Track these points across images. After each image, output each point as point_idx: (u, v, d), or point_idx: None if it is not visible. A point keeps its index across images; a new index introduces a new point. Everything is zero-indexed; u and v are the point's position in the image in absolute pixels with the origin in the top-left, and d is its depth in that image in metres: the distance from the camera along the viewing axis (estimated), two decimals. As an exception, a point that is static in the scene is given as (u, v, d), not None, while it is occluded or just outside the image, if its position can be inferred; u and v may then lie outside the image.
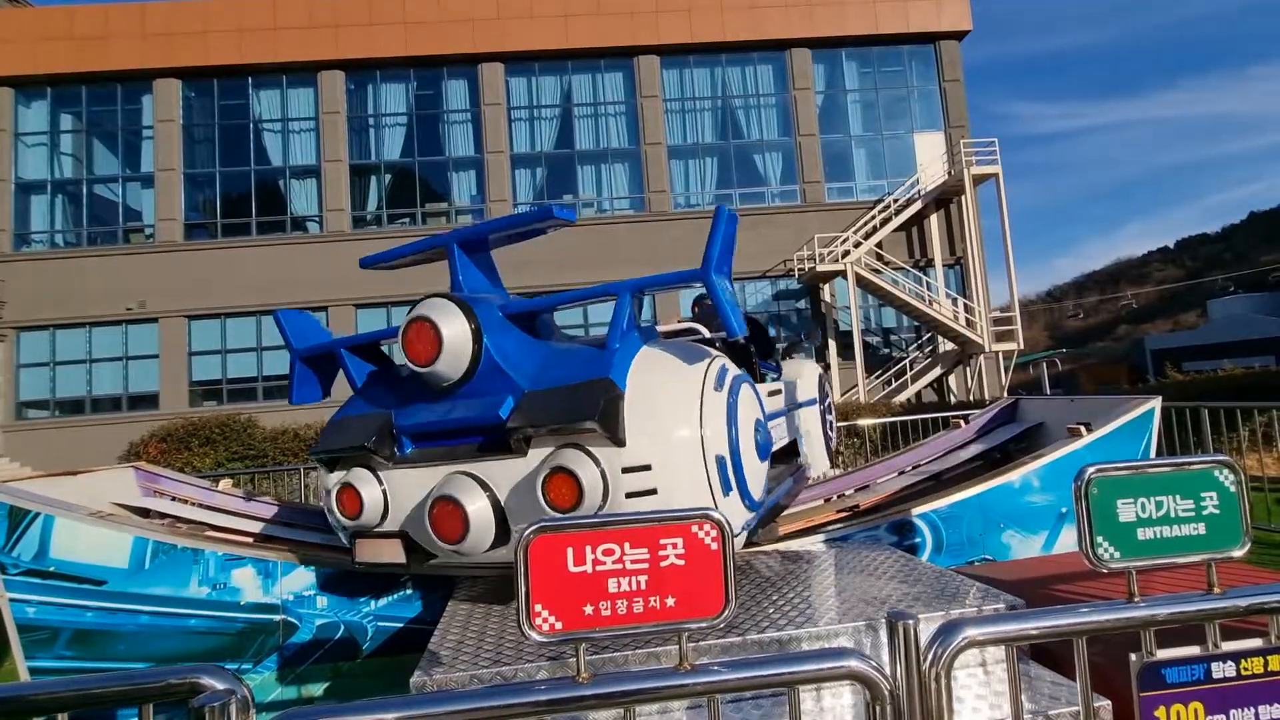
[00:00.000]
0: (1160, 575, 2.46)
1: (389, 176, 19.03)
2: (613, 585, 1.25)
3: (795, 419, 3.84)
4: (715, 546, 1.27)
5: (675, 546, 1.27)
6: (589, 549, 1.26)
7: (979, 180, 18.27)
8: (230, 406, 16.70)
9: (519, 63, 18.87)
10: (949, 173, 18.90)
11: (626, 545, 1.26)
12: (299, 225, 18.70)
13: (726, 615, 1.26)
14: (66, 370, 17.65)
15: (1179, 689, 1.41)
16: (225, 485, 4.11)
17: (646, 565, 1.26)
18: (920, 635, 1.31)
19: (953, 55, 19.57)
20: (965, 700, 1.94)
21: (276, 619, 2.91)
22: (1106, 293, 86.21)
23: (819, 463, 3.97)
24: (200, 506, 3.72)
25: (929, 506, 3.21)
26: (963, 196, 18.46)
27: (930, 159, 19.27)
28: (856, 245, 18.10)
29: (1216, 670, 1.43)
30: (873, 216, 18.57)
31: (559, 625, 1.24)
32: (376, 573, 2.93)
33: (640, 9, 18.67)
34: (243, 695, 1.20)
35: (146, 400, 17.55)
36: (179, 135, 18.32)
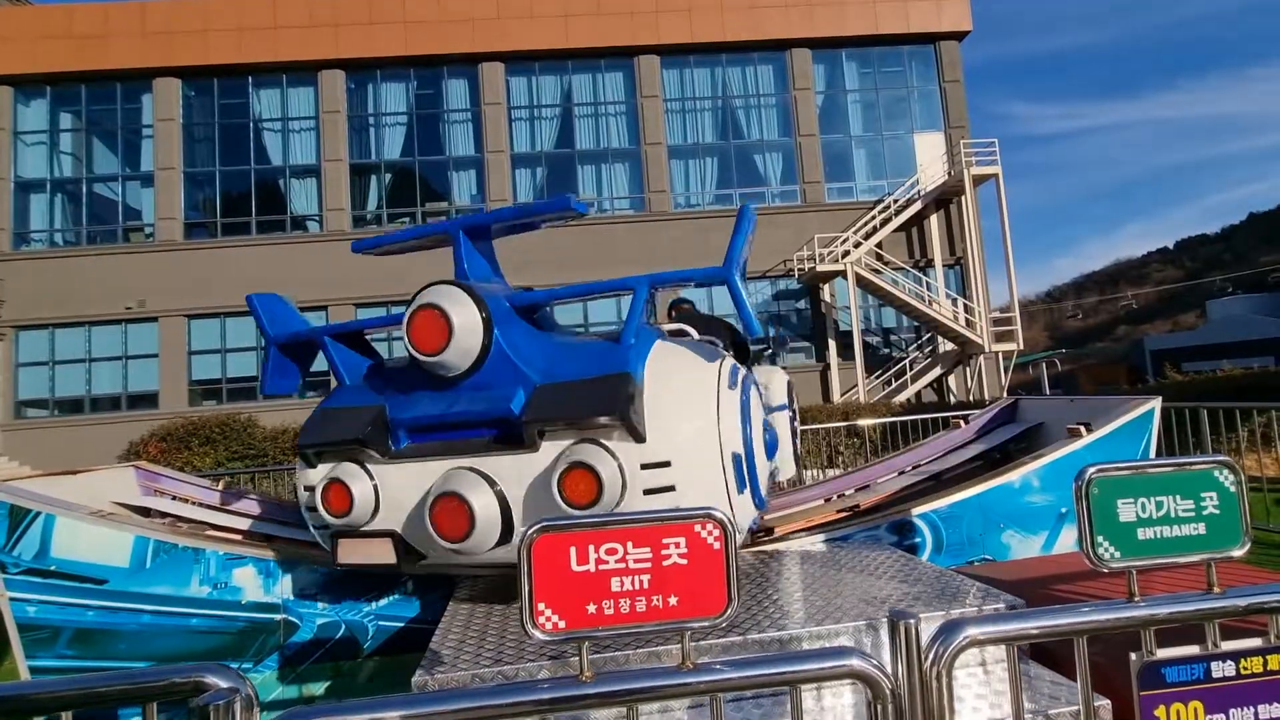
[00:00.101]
0: (1159, 575, 2.46)
1: (389, 176, 19.04)
2: (615, 584, 1.26)
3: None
4: (718, 546, 1.27)
5: (678, 546, 1.27)
6: (592, 548, 1.26)
7: (979, 180, 18.28)
8: (230, 406, 16.70)
9: (519, 62, 18.87)
10: (949, 173, 18.91)
11: (629, 544, 1.27)
12: (299, 224, 18.70)
13: (729, 614, 1.26)
14: (66, 369, 17.64)
15: (1179, 688, 1.42)
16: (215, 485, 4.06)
17: (649, 564, 1.26)
18: (921, 634, 1.31)
19: (953, 55, 19.58)
20: (965, 700, 1.94)
21: (277, 618, 2.91)
22: (1106, 293, 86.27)
23: (786, 467, 3.99)
24: (201, 506, 3.72)
25: (929, 506, 3.21)
26: (963, 197, 18.47)
27: (930, 159, 19.28)
28: (856, 245, 18.11)
29: (1216, 670, 1.44)
30: (873, 217, 18.58)
31: (562, 624, 1.24)
32: (374, 573, 2.90)
33: (640, 9, 18.68)
34: (247, 694, 1.20)
35: (146, 399, 17.55)
36: (179, 134, 18.31)
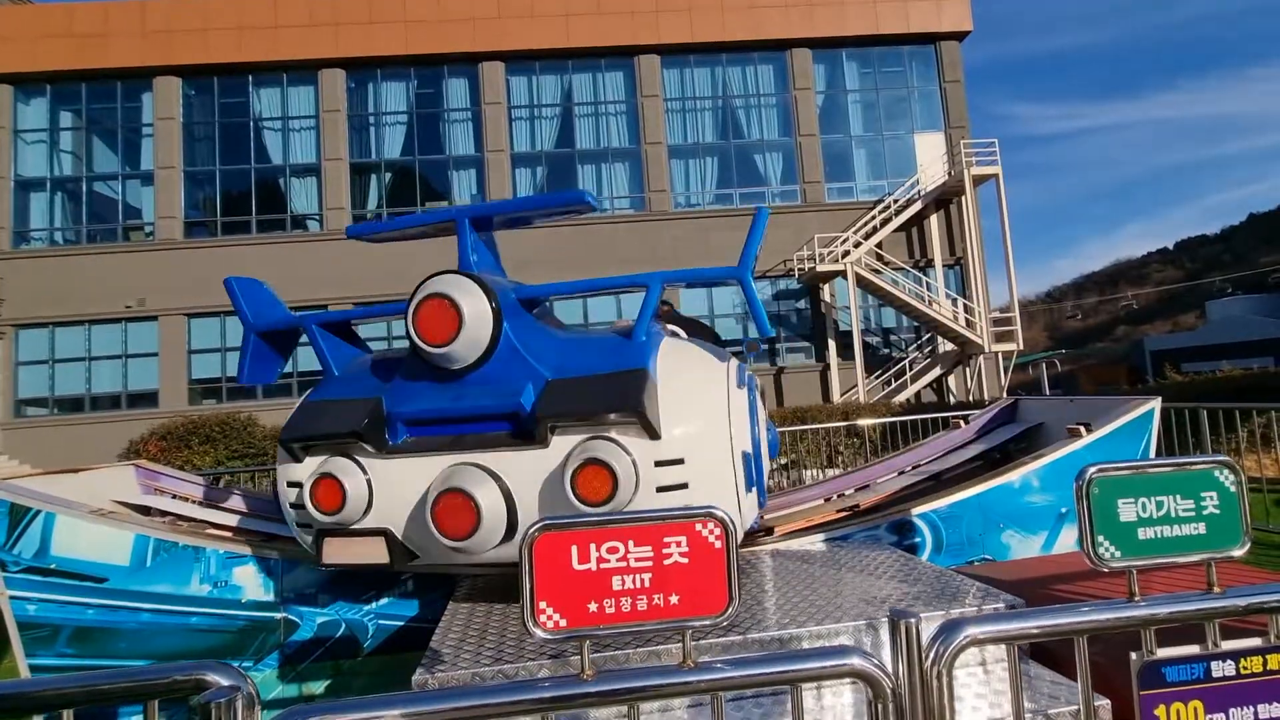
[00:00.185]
0: (1159, 575, 2.46)
1: (389, 175, 19.03)
2: (616, 583, 1.26)
3: None
4: (719, 545, 1.27)
5: (679, 545, 1.27)
6: (593, 547, 1.26)
7: (979, 181, 18.29)
8: (230, 405, 16.69)
9: (520, 62, 18.87)
10: (949, 173, 18.91)
11: (630, 543, 1.27)
12: (299, 224, 18.70)
13: (730, 613, 1.26)
14: (66, 368, 17.63)
15: (1179, 688, 1.42)
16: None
17: (650, 563, 1.26)
18: (922, 634, 1.31)
19: (953, 56, 19.58)
20: (965, 699, 1.95)
21: (278, 617, 2.91)
22: (1106, 293, 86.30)
23: None
24: (201, 505, 3.72)
25: (929, 506, 3.21)
26: (963, 197, 18.48)
27: (930, 159, 19.28)
28: (856, 245, 18.11)
29: (1216, 669, 1.44)
30: (873, 217, 18.58)
31: (563, 622, 1.24)
32: (367, 573, 2.88)
33: (641, 8, 18.67)
34: (248, 692, 1.20)
35: (146, 398, 17.55)
36: (179, 133, 18.30)
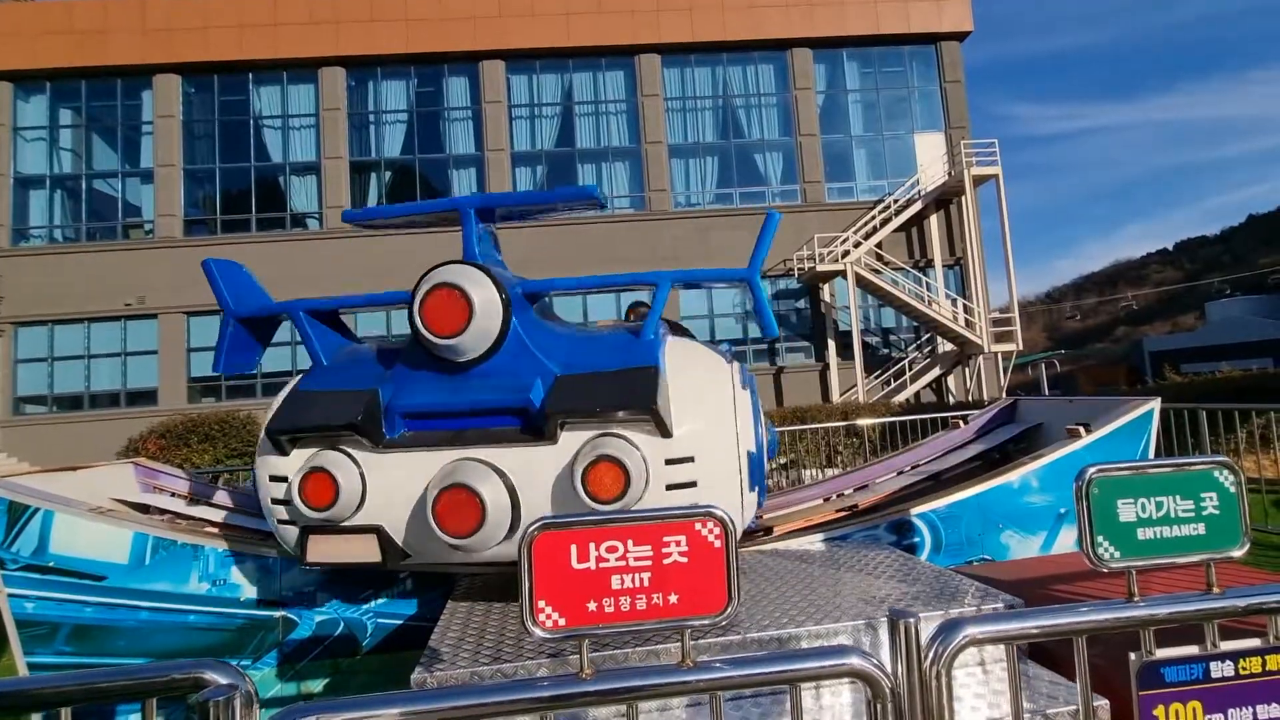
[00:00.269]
0: (1157, 576, 2.46)
1: (389, 173, 19.02)
2: (616, 582, 1.25)
3: None
4: (718, 544, 1.27)
5: (679, 544, 1.27)
6: (593, 546, 1.26)
7: (979, 181, 18.29)
8: (229, 403, 16.67)
9: (520, 60, 18.86)
10: (949, 173, 18.91)
11: (630, 542, 1.26)
12: (299, 222, 18.68)
13: (729, 612, 1.26)
14: (65, 366, 17.62)
15: (1178, 688, 1.42)
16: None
17: (650, 562, 1.26)
18: (921, 634, 1.31)
19: (953, 56, 19.58)
20: (964, 699, 1.94)
21: (276, 615, 2.91)
22: (1105, 294, 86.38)
23: None
24: (200, 503, 3.72)
25: (928, 506, 3.21)
26: (963, 197, 18.48)
27: (930, 159, 19.28)
28: (856, 245, 18.11)
29: (1215, 670, 1.44)
30: (873, 217, 18.59)
31: (562, 621, 1.24)
32: (368, 571, 2.87)
33: (641, 8, 18.66)
34: (247, 690, 1.20)
35: (145, 396, 17.54)
36: (179, 131, 18.29)
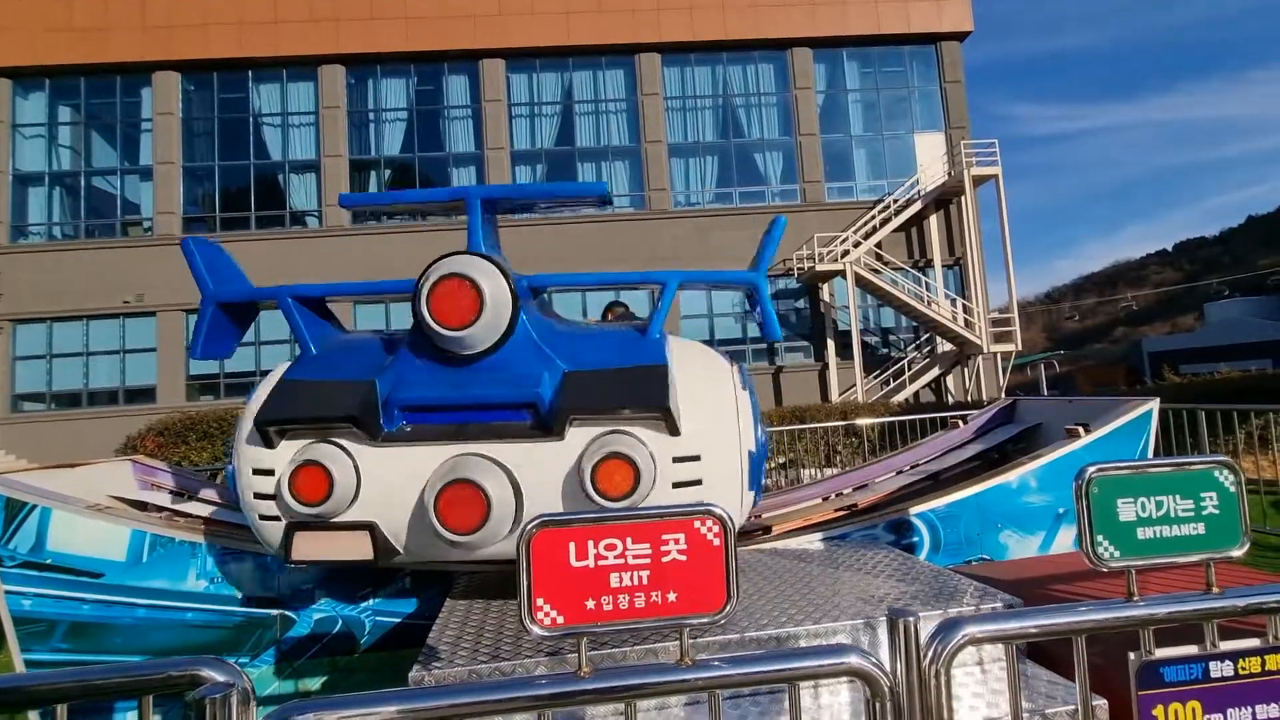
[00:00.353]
0: (1155, 576, 2.46)
1: (389, 172, 19.01)
2: (614, 580, 1.25)
3: None
4: (717, 542, 1.27)
5: (677, 542, 1.27)
6: (591, 543, 1.26)
7: (979, 181, 18.29)
8: (228, 401, 16.66)
9: (520, 59, 18.84)
10: (949, 173, 18.91)
11: (629, 540, 1.26)
12: (298, 220, 18.67)
13: (728, 610, 1.26)
14: (63, 363, 17.60)
15: (1177, 688, 1.42)
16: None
17: (648, 560, 1.26)
18: (920, 633, 1.31)
19: (954, 56, 19.58)
20: (962, 699, 1.94)
21: (274, 613, 2.90)
22: (1105, 295, 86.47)
23: None
24: (198, 500, 3.71)
25: (927, 506, 3.21)
26: (962, 197, 18.48)
27: (930, 159, 19.28)
28: (856, 245, 18.11)
29: (1214, 670, 1.44)
30: (872, 217, 18.58)
31: (560, 619, 1.24)
32: (366, 569, 2.86)
33: (642, 6, 18.65)
34: (244, 687, 1.20)
35: (144, 394, 17.52)
36: (178, 128, 18.27)
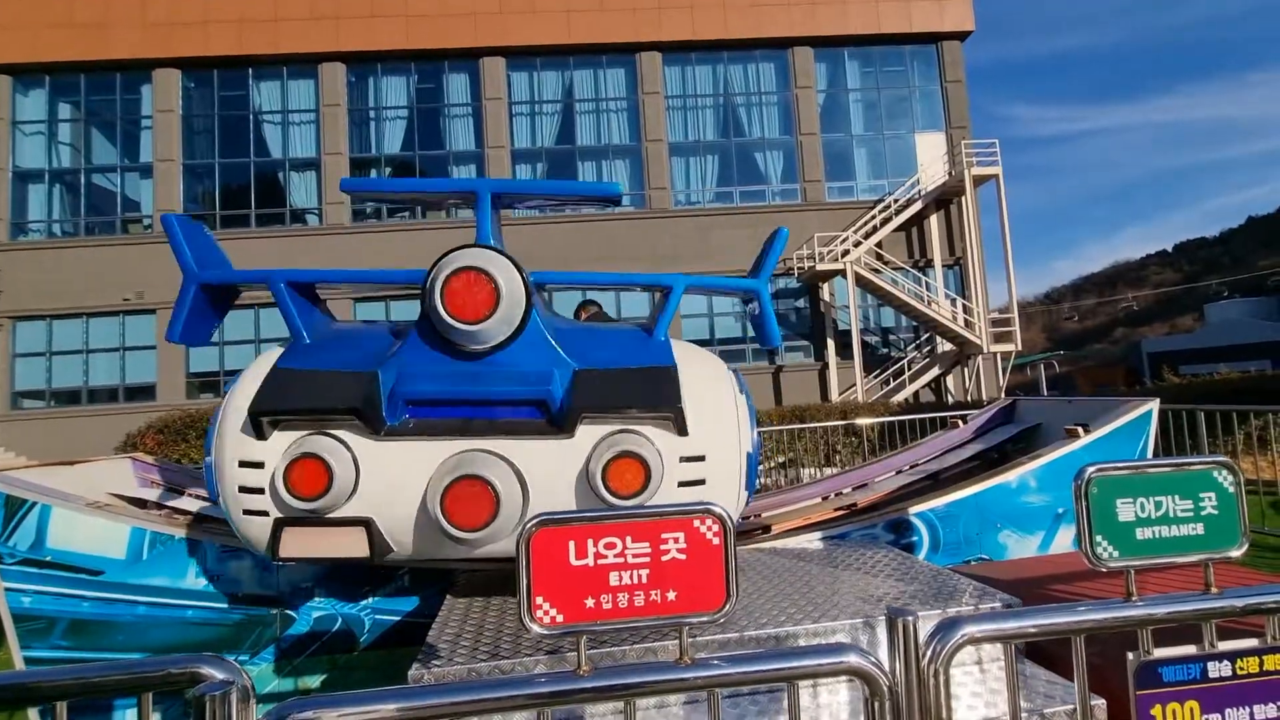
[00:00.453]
0: (1154, 577, 2.47)
1: (389, 170, 18.99)
2: (614, 579, 1.25)
3: None
4: (716, 541, 1.27)
5: (677, 541, 1.27)
6: (590, 542, 1.26)
7: (979, 181, 18.28)
8: (227, 398, 16.65)
9: (521, 57, 18.83)
10: (949, 173, 18.90)
11: (628, 539, 1.26)
12: (298, 218, 18.66)
13: (728, 609, 1.26)
14: (63, 360, 17.59)
15: (1176, 688, 1.42)
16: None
17: (648, 559, 1.26)
18: (919, 632, 1.31)
19: (955, 56, 19.57)
20: (961, 698, 1.95)
21: (274, 611, 2.91)
22: (1104, 295, 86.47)
23: None
24: (198, 498, 3.71)
25: (926, 506, 3.21)
26: (963, 197, 18.48)
27: (931, 159, 19.28)
28: (856, 245, 18.11)
29: (1213, 670, 1.44)
30: (873, 216, 18.58)
31: (560, 618, 1.24)
32: (365, 567, 2.85)
33: (643, 5, 18.64)
34: (243, 685, 1.20)
35: (143, 391, 17.52)
36: (178, 126, 18.26)
